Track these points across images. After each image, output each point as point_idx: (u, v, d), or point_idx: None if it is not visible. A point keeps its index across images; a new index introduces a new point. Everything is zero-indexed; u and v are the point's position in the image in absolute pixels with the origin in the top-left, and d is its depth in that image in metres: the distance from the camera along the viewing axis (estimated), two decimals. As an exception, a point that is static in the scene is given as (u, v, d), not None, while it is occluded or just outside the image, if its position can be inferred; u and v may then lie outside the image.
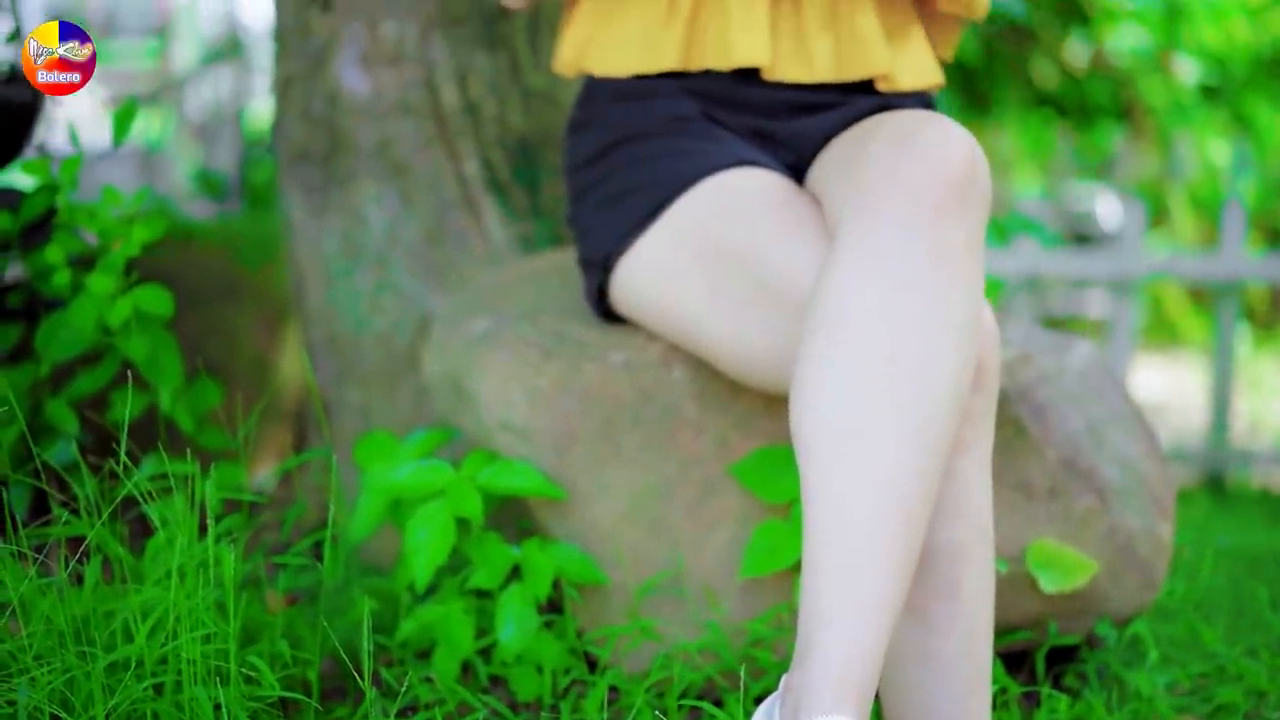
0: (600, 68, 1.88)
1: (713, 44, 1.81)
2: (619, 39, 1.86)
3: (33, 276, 2.15)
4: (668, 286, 1.75)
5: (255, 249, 3.31)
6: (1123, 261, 4.88)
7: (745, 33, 1.79)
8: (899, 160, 1.46)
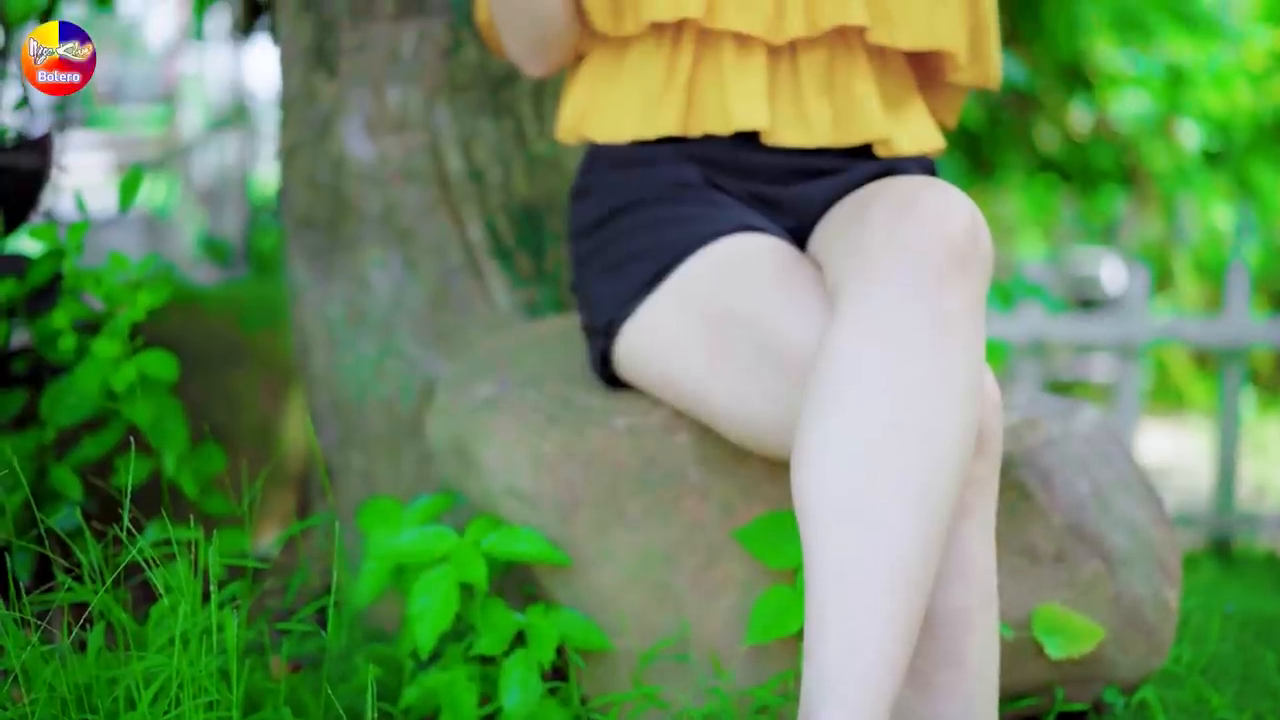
0: (599, 134, 1.90)
1: (711, 109, 1.82)
2: (618, 105, 1.88)
3: (38, 342, 2.15)
4: (670, 352, 1.75)
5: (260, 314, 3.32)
6: (1127, 326, 4.89)
7: (743, 98, 1.80)
8: (899, 226, 1.47)
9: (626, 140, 1.87)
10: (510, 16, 1.89)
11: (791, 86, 1.83)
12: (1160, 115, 8.17)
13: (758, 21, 1.79)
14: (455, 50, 2.39)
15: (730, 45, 1.82)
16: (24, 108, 2.51)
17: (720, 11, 1.79)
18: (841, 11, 1.78)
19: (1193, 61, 8.26)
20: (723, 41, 1.82)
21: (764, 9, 1.79)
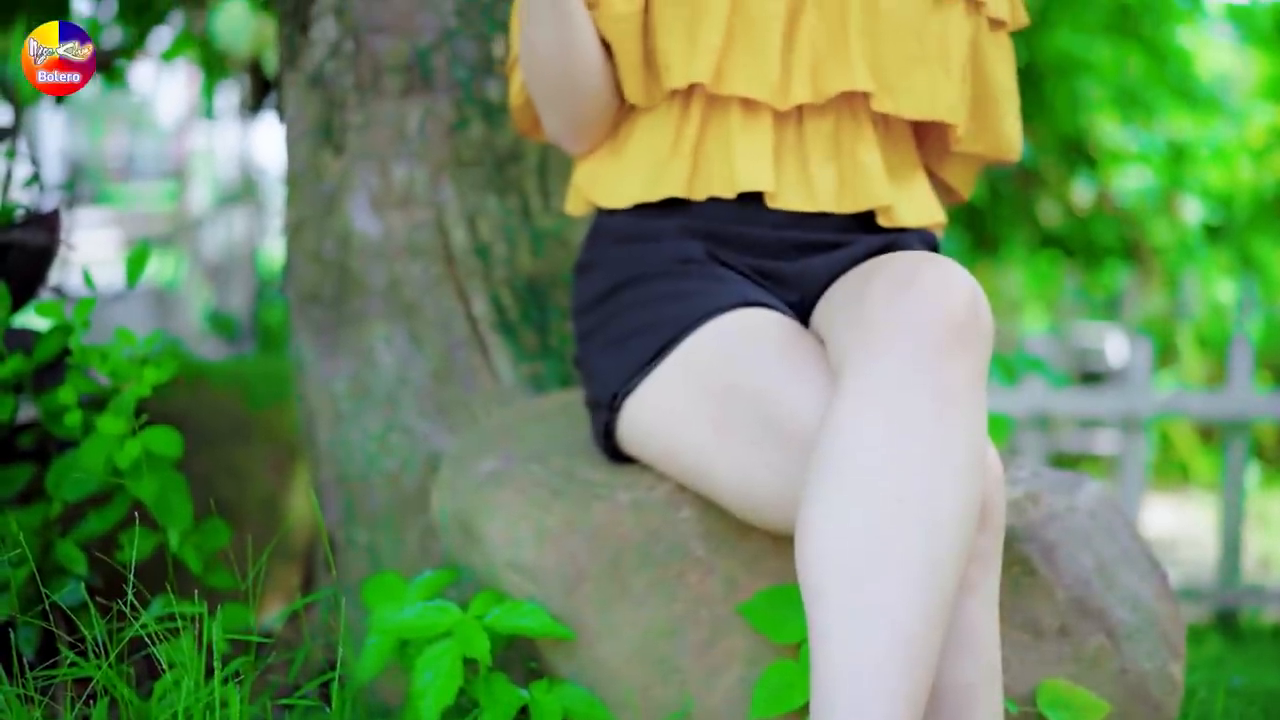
0: (606, 199, 1.92)
1: (718, 172, 1.84)
2: (626, 170, 1.90)
3: (45, 417, 2.16)
4: (674, 427, 1.76)
5: (266, 389, 3.32)
6: (1131, 399, 4.89)
7: (749, 160, 1.82)
8: (900, 302, 1.48)
9: (632, 204, 1.89)
10: (553, 96, 1.90)
11: (797, 152, 1.85)
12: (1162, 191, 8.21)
13: (764, 88, 1.81)
14: (461, 127, 2.41)
15: (737, 110, 1.84)
16: (34, 184, 2.52)
17: (728, 78, 1.81)
18: (847, 78, 1.81)
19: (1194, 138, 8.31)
20: (730, 107, 1.84)
21: (771, 76, 1.81)
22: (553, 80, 1.88)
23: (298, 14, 2.49)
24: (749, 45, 1.81)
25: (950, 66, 1.87)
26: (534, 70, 1.90)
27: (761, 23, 1.81)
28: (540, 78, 1.89)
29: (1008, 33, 1.98)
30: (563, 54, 1.84)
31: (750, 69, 1.81)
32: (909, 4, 1.84)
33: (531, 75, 1.91)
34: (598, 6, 1.86)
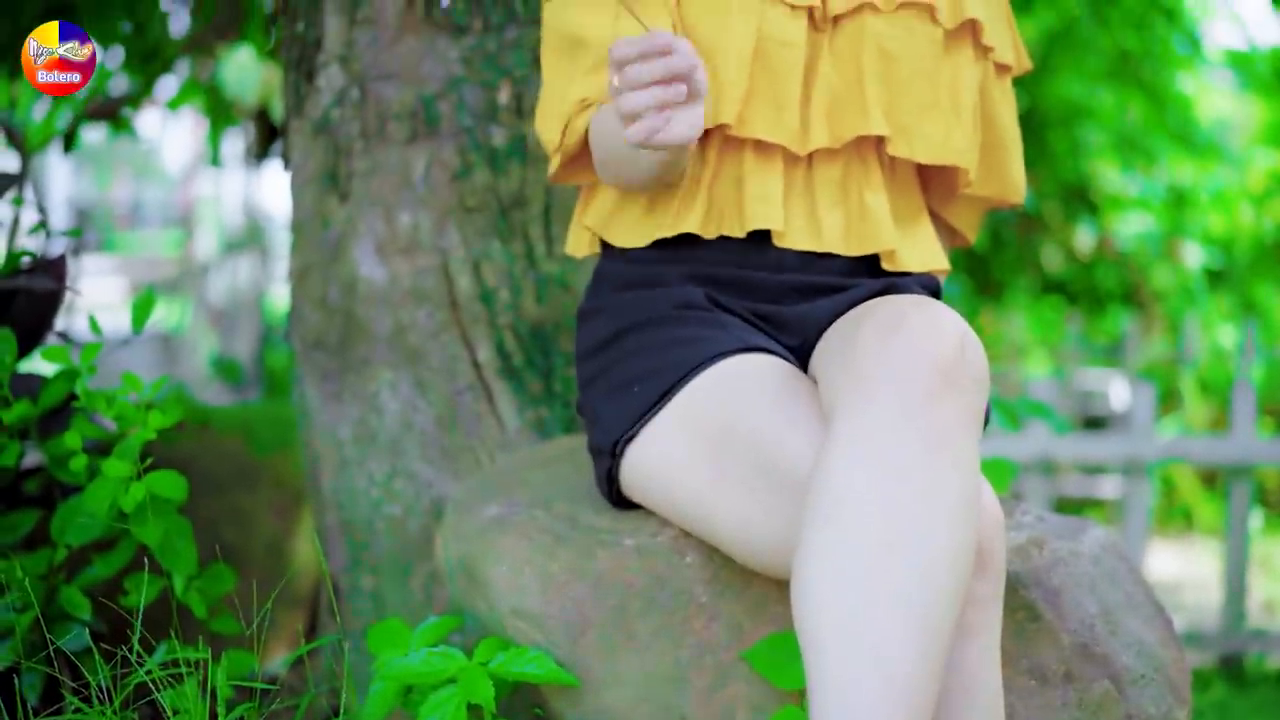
0: (621, 238, 1.93)
1: (729, 211, 1.85)
2: (641, 209, 1.91)
3: (50, 462, 2.17)
4: (675, 472, 1.76)
5: (271, 435, 3.33)
6: (1134, 445, 4.88)
7: (760, 201, 1.84)
8: (887, 345, 1.49)
9: (647, 242, 1.90)
10: (639, 177, 1.89)
11: (806, 196, 1.87)
12: (1163, 236, 8.22)
13: (784, 132, 1.84)
14: (465, 173, 2.42)
15: (750, 153, 1.86)
16: (40, 231, 2.54)
17: (749, 122, 1.83)
18: (863, 123, 1.84)
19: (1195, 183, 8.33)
20: (744, 149, 1.86)
21: (791, 121, 1.83)
22: (635, 188, 1.88)
23: (304, 62, 2.51)
24: (770, 92, 1.84)
25: (961, 111, 1.90)
26: (615, 183, 1.89)
27: (782, 71, 1.83)
28: (623, 186, 1.90)
29: (1011, 78, 2.01)
30: (653, 182, 1.84)
31: (771, 114, 1.84)
32: (921, 50, 1.86)
33: (610, 181, 1.90)
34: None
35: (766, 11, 1.83)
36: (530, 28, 2.44)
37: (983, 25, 1.91)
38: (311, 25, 2.49)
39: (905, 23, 1.86)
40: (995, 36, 1.94)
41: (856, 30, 1.86)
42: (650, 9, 1.84)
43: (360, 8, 2.44)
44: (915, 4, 1.87)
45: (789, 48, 1.84)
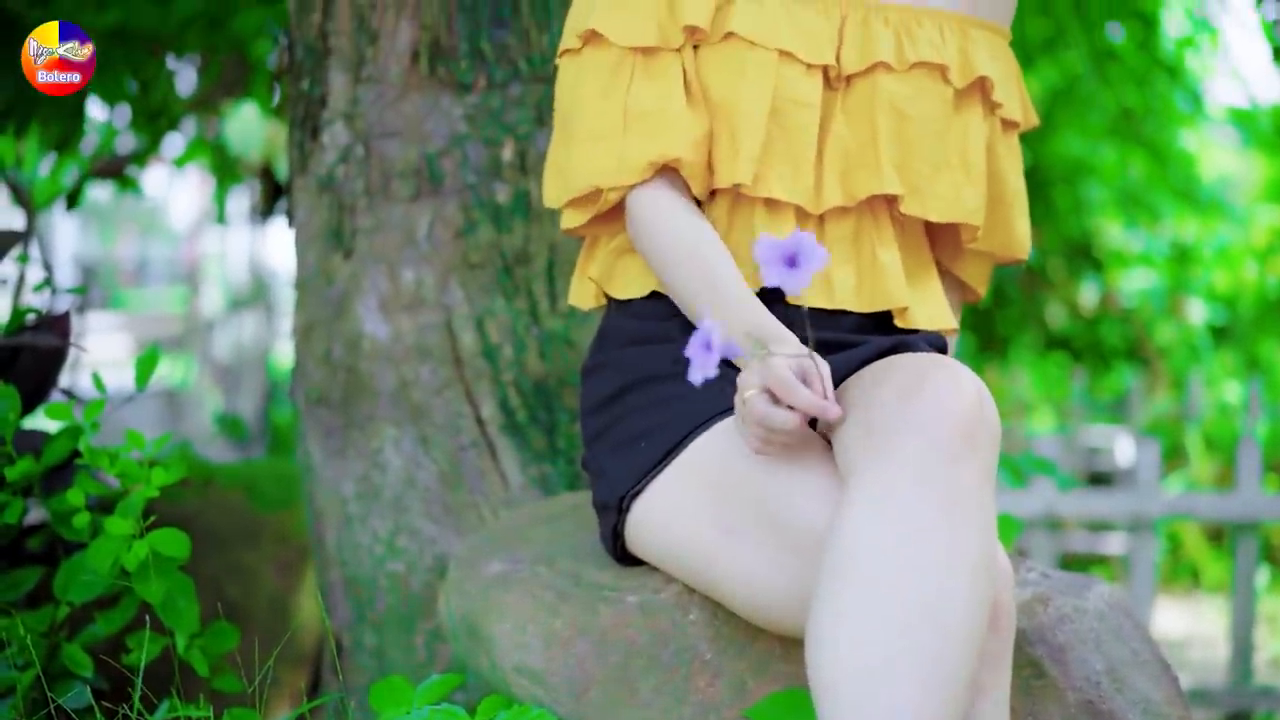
0: (621, 289, 1.93)
1: (742, 268, 1.85)
2: (643, 262, 1.91)
3: (54, 519, 2.16)
4: (681, 528, 1.76)
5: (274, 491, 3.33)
6: (1139, 501, 4.87)
7: None
8: (908, 406, 1.49)
9: (647, 292, 1.90)
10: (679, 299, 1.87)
11: None
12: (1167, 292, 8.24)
13: (800, 192, 1.84)
14: (469, 230, 2.43)
15: (762, 208, 1.86)
16: (45, 288, 2.55)
17: (765, 182, 1.84)
18: (877, 182, 1.85)
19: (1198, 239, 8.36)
20: (755, 204, 1.86)
21: (806, 180, 1.84)
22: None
23: (308, 120, 2.52)
24: (786, 151, 1.84)
25: (971, 169, 1.91)
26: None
27: (797, 130, 1.84)
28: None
29: (1018, 134, 2.02)
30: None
31: (787, 174, 1.84)
32: (933, 109, 1.87)
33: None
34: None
35: (782, 71, 1.84)
36: (534, 85, 2.45)
37: (992, 83, 1.93)
38: (316, 83, 2.51)
39: (918, 82, 1.88)
40: (1004, 93, 1.95)
41: (869, 89, 1.87)
42: (666, 67, 1.85)
43: (365, 66, 2.46)
44: (928, 64, 1.88)
45: (805, 107, 1.85)
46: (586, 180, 1.86)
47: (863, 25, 1.89)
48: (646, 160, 1.83)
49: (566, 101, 1.92)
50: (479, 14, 2.44)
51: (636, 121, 1.84)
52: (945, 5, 1.93)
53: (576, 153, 1.88)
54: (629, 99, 1.85)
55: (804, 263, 1.49)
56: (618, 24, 1.86)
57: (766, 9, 1.86)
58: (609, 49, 1.86)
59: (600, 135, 1.86)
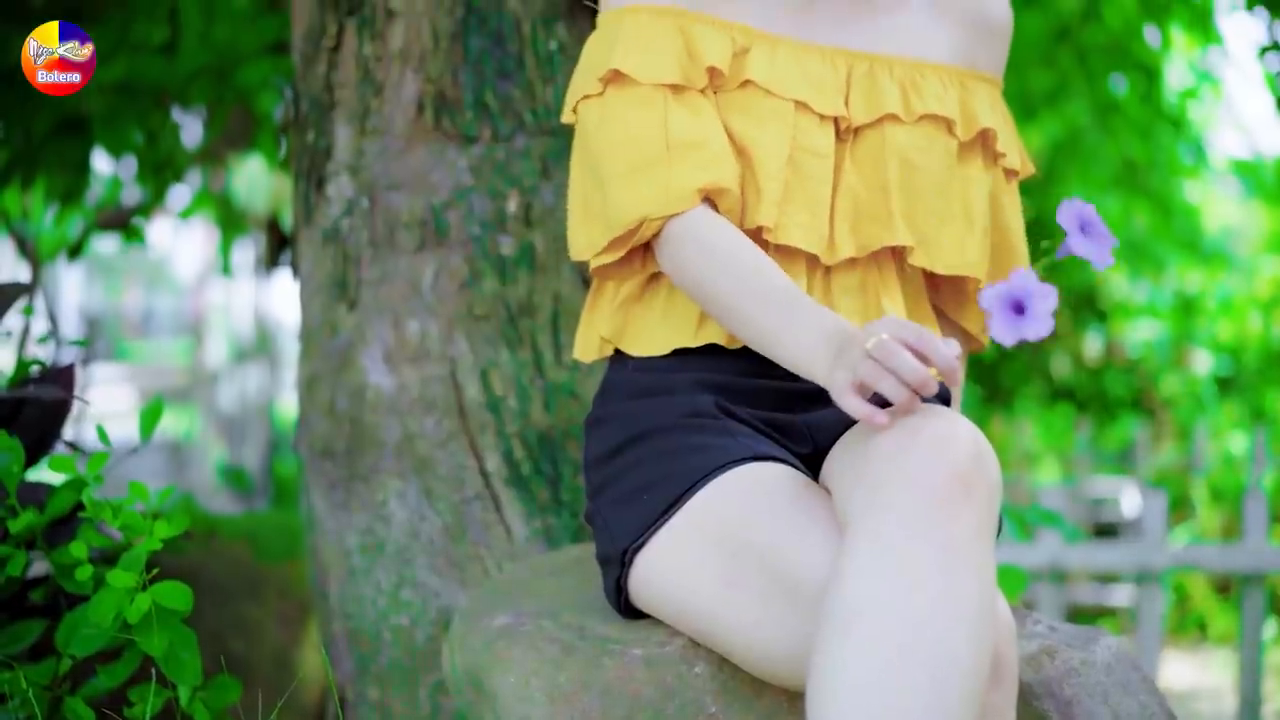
0: (636, 347, 1.92)
1: None
2: (662, 317, 1.91)
3: (56, 572, 2.16)
4: (685, 581, 1.75)
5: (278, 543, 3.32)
6: (1146, 553, 4.86)
7: None
8: (903, 456, 1.49)
9: (670, 350, 1.89)
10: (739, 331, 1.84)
11: (825, 303, 1.88)
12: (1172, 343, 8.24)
13: (816, 241, 1.85)
14: (473, 282, 2.43)
15: (775, 256, 1.86)
16: (50, 340, 2.55)
17: (784, 230, 1.84)
18: (888, 233, 1.86)
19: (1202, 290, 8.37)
20: (768, 252, 1.86)
21: (822, 229, 1.85)
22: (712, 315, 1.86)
23: (314, 172, 2.53)
24: (803, 199, 1.85)
25: (975, 222, 1.92)
26: (695, 299, 1.87)
27: (813, 181, 1.85)
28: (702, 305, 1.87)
29: (1018, 182, 2.03)
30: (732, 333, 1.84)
31: (805, 222, 1.85)
32: (939, 161, 1.89)
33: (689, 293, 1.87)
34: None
35: (799, 120, 1.85)
36: (539, 137, 2.46)
37: (995, 134, 1.94)
38: (322, 135, 2.52)
39: (926, 133, 1.89)
40: (1004, 143, 1.97)
41: (878, 140, 1.88)
42: (700, 101, 1.86)
43: (370, 118, 2.47)
44: (935, 116, 1.89)
45: (820, 158, 1.86)
46: (633, 213, 1.83)
47: (868, 77, 1.90)
48: (695, 187, 1.81)
49: (595, 143, 1.89)
50: (484, 67, 2.46)
51: (681, 151, 1.82)
52: (943, 58, 1.95)
53: (617, 187, 1.84)
54: (670, 129, 1.83)
55: (1035, 305, 1.48)
56: (641, 63, 1.85)
57: (779, 58, 1.88)
58: (636, 87, 1.85)
59: (641, 166, 1.83)
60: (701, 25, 1.89)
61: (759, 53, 1.88)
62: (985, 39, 1.99)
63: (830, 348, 1.66)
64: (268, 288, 9.54)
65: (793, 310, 1.73)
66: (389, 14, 2.46)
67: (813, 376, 1.69)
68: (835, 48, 1.92)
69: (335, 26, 2.49)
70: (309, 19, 2.54)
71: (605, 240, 1.87)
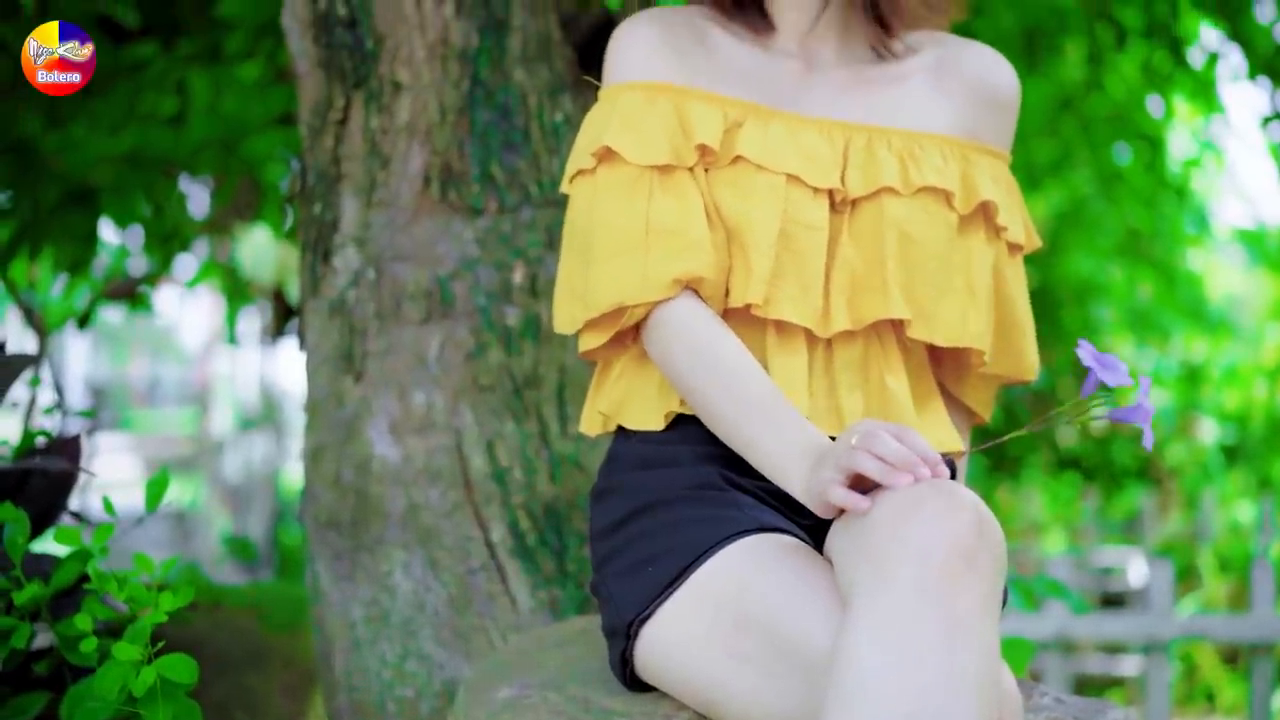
0: (635, 421, 1.93)
1: None
2: (653, 390, 1.91)
3: (61, 644, 2.16)
4: (689, 654, 1.75)
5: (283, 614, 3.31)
6: (1153, 623, 4.85)
7: (784, 387, 1.83)
8: (904, 528, 1.49)
9: (668, 422, 1.89)
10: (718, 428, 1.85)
11: (826, 378, 1.88)
12: (1178, 412, 8.23)
13: (809, 315, 1.85)
14: (479, 353, 2.44)
15: (773, 333, 1.87)
16: (56, 411, 2.56)
17: (776, 303, 1.85)
18: (884, 306, 1.85)
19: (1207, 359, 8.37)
20: (765, 328, 1.87)
21: (815, 303, 1.85)
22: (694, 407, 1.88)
23: (321, 243, 2.55)
24: (796, 273, 1.85)
25: (977, 294, 1.92)
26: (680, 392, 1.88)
27: (805, 254, 1.85)
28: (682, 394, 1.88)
29: (1022, 256, 2.03)
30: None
31: (797, 296, 1.85)
32: (938, 234, 1.88)
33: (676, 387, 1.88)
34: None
35: (790, 194, 1.86)
36: (544, 209, 2.48)
37: (996, 207, 1.94)
38: (329, 207, 2.53)
39: (924, 206, 1.89)
40: (1007, 217, 1.96)
41: (876, 213, 1.88)
42: (684, 184, 1.87)
43: (377, 190, 2.48)
44: (933, 188, 1.89)
45: (813, 230, 1.86)
46: (610, 298, 1.85)
47: (866, 149, 1.90)
48: (671, 277, 1.83)
49: (583, 221, 1.92)
50: (490, 139, 2.47)
51: (659, 238, 1.84)
52: (946, 130, 1.95)
53: (597, 271, 1.87)
54: (650, 215, 1.85)
55: (1115, 363, 1.64)
56: (633, 142, 1.87)
57: (772, 132, 1.88)
58: (625, 167, 1.87)
59: (621, 251, 1.85)
60: (695, 101, 1.90)
61: (752, 127, 1.89)
62: (989, 111, 2.00)
63: (806, 462, 1.69)
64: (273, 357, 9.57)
65: (770, 420, 1.76)
66: (396, 87, 2.48)
67: (788, 489, 1.73)
68: (834, 120, 1.92)
69: (343, 100, 2.51)
70: (316, 92, 2.56)
71: (584, 319, 1.89)
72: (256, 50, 3.89)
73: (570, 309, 1.93)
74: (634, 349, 1.94)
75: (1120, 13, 4.49)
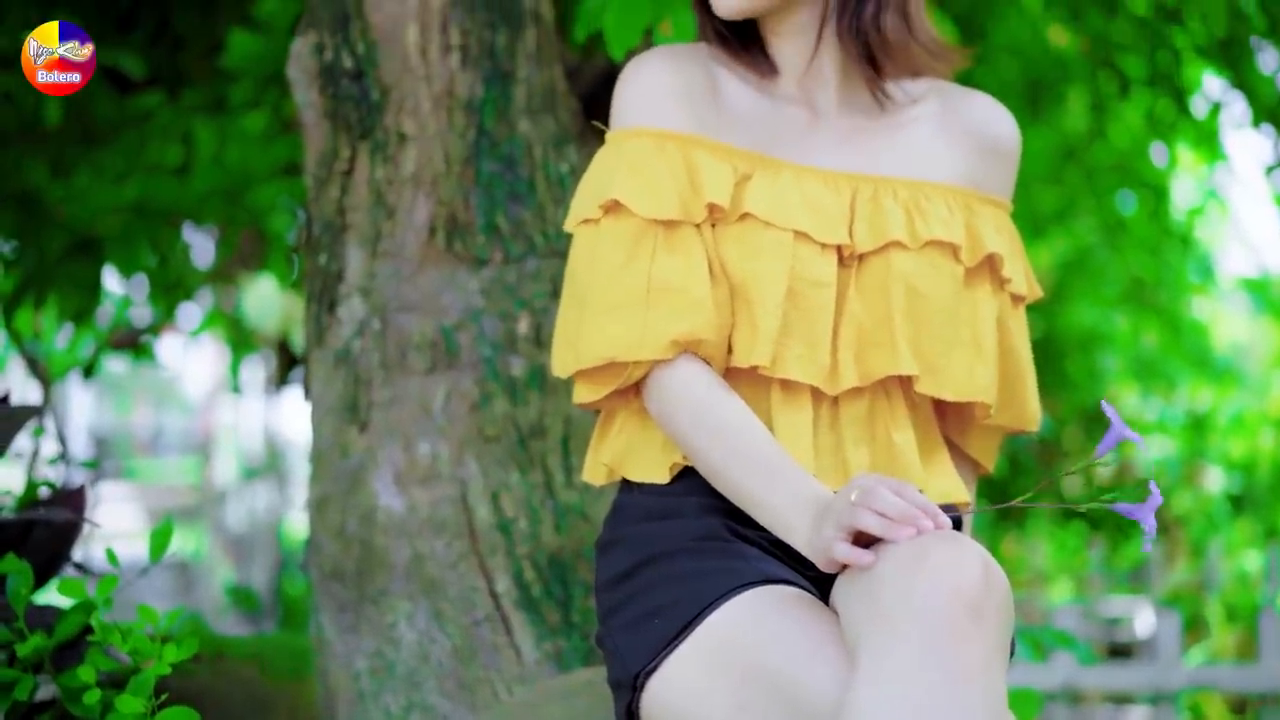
0: (638, 473, 1.92)
1: None
2: (656, 445, 1.90)
3: (64, 696, 2.14)
4: (695, 706, 1.73)
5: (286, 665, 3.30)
6: (1161, 674, 4.83)
7: (789, 442, 1.83)
8: (911, 582, 1.48)
9: (672, 475, 1.88)
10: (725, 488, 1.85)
11: (832, 433, 1.87)
12: (1184, 461, 8.22)
13: (817, 373, 1.84)
14: (484, 403, 2.44)
15: (777, 389, 1.86)
16: (59, 462, 2.55)
17: (783, 363, 1.84)
18: (893, 362, 1.85)
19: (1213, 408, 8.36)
20: (771, 384, 1.86)
21: (823, 361, 1.84)
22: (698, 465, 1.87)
23: (326, 293, 2.54)
24: (803, 331, 1.84)
25: (982, 347, 1.92)
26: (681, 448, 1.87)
27: (813, 311, 1.85)
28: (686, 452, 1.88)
29: (1025, 306, 2.03)
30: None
31: (804, 354, 1.84)
32: (945, 287, 1.88)
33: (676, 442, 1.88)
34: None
35: (798, 251, 1.85)
36: (550, 259, 2.48)
37: (1001, 258, 1.94)
38: (334, 258, 2.53)
39: (931, 259, 1.88)
40: (1011, 268, 1.96)
41: (883, 267, 1.87)
42: (689, 242, 1.86)
43: (382, 241, 2.48)
44: (940, 243, 1.89)
45: (821, 287, 1.85)
46: (600, 352, 1.84)
47: (873, 201, 1.90)
48: (670, 338, 1.82)
49: (583, 270, 1.91)
50: (496, 190, 2.48)
51: (661, 296, 1.83)
52: (949, 179, 1.95)
53: (590, 323, 1.86)
54: (653, 271, 1.84)
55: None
56: (640, 195, 1.86)
57: (780, 186, 1.88)
58: (630, 219, 1.86)
59: (618, 306, 1.84)
60: (704, 152, 1.89)
61: (760, 181, 1.88)
62: (991, 161, 1.99)
63: (808, 516, 1.69)
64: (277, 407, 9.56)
65: (773, 476, 1.76)
66: (401, 138, 2.49)
67: (792, 544, 1.73)
68: (839, 171, 1.92)
69: (348, 150, 2.52)
70: (322, 143, 2.56)
71: (574, 369, 1.89)
72: (262, 101, 3.90)
73: (563, 356, 1.93)
74: (635, 402, 1.94)
75: (1123, 61, 4.50)
